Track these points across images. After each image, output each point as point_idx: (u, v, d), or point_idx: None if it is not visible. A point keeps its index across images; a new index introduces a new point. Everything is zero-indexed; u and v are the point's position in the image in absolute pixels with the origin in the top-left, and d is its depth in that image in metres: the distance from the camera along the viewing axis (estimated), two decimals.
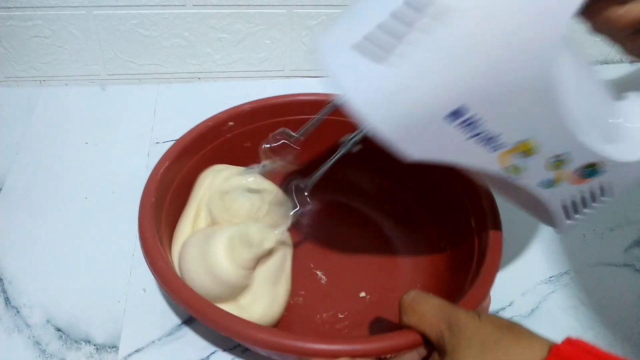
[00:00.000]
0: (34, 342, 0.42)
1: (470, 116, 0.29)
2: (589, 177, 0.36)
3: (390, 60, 0.28)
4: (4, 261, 0.48)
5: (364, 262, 0.51)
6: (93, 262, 0.48)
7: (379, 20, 0.28)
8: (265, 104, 0.52)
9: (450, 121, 0.29)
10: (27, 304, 0.45)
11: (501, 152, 0.32)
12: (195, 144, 0.49)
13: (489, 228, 0.42)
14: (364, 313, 0.46)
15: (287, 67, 0.71)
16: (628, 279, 0.51)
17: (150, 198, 0.42)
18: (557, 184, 0.35)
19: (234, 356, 0.43)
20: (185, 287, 0.37)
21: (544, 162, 0.33)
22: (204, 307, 0.36)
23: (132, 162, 0.57)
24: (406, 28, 0.28)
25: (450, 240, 0.48)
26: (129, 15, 0.62)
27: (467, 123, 0.30)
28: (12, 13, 0.60)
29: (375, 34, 0.29)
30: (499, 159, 0.32)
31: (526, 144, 0.32)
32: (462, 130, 0.30)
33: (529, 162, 0.33)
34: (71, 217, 0.52)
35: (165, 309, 0.45)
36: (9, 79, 0.66)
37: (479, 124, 0.30)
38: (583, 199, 0.38)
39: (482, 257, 0.41)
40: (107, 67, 0.66)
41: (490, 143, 0.31)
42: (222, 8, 0.63)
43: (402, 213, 0.54)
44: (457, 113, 0.29)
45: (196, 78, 0.70)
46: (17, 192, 0.54)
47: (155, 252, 0.39)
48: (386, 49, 0.28)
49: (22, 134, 0.60)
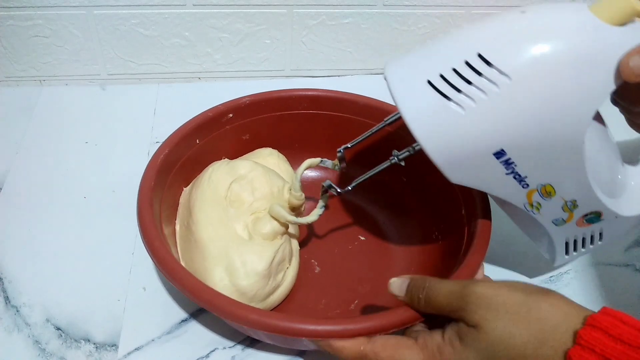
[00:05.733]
0: (34, 341, 0.42)
1: (509, 158, 0.36)
2: (591, 223, 0.42)
3: (458, 98, 0.34)
4: (4, 260, 0.48)
5: (358, 252, 0.51)
6: (93, 261, 0.48)
7: (453, 64, 0.34)
8: (265, 97, 0.53)
9: (497, 157, 0.36)
10: (26, 303, 0.45)
11: (528, 190, 0.38)
12: (195, 133, 0.49)
13: (479, 217, 0.43)
14: (357, 302, 0.47)
15: (287, 67, 0.71)
16: (628, 278, 0.51)
17: (149, 182, 0.43)
18: (566, 224, 0.41)
19: (234, 354, 0.43)
20: (185, 271, 0.38)
21: (562, 203, 0.39)
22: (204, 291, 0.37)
23: (132, 162, 0.57)
24: (476, 76, 0.34)
25: (442, 229, 0.49)
26: (129, 15, 0.62)
27: (508, 162, 0.36)
28: (12, 13, 0.60)
29: (449, 75, 0.34)
30: (527, 195, 0.38)
31: (548, 187, 0.38)
32: (505, 166, 0.36)
33: (549, 202, 0.39)
34: (71, 216, 0.52)
35: (165, 307, 0.45)
36: (9, 79, 0.66)
37: (513, 166, 0.36)
38: (583, 239, 0.44)
39: (469, 243, 0.42)
40: (107, 67, 0.66)
41: (522, 181, 0.37)
42: (222, 8, 0.64)
43: (396, 204, 0.55)
44: (499, 153, 0.35)
45: (196, 78, 0.70)
46: (17, 191, 0.54)
47: (152, 232, 0.40)
48: (456, 89, 0.34)
49: (22, 133, 0.60)
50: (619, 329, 0.27)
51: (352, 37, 0.69)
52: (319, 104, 0.55)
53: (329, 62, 0.72)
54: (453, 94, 0.34)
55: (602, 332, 0.27)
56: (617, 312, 0.28)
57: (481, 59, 0.33)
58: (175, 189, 0.49)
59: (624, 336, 0.26)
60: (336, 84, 0.72)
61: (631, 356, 0.25)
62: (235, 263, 0.42)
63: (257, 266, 0.42)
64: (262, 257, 0.42)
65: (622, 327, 0.27)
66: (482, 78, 0.34)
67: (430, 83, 0.35)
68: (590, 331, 0.27)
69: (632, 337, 0.26)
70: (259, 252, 0.43)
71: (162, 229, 0.43)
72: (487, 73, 0.33)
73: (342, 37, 0.69)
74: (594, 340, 0.26)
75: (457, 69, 0.34)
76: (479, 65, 0.34)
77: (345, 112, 0.54)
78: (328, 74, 0.73)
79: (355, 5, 0.66)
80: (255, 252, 0.43)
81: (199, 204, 0.45)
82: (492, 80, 0.33)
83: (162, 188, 0.46)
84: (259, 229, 0.44)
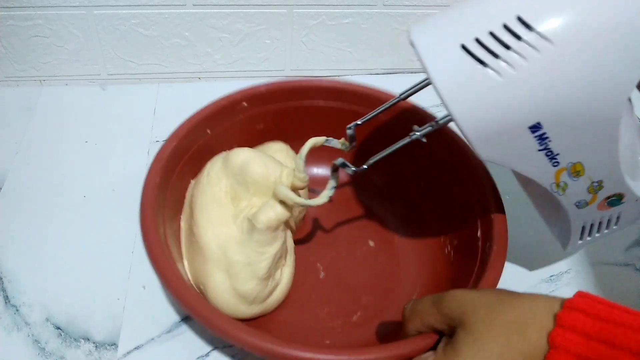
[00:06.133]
0: (34, 341, 0.42)
1: (544, 132, 0.33)
2: (612, 206, 0.41)
3: (495, 64, 0.32)
4: (4, 260, 0.48)
5: (365, 259, 0.50)
6: (92, 260, 0.48)
7: (490, 28, 0.32)
8: (282, 86, 0.51)
9: (532, 132, 0.33)
10: (26, 303, 0.45)
11: (558, 169, 0.36)
12: (206, 123, 0.47)
13: (495, 237, 0.41)
14: (359, 314, 0.46)
15: (287, 67, 0.71)
16: (628, 278, 0.51)
17: (155, 178, 0.42)
18: (588, 206, 0.40)
19: (234, 353, 0.42)
20: (181, 279, 0.37)
21: (588, 184, 0.38)
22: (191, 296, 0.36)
23: (132, 161, 0.57)
24: (515, 40, 0.31)
25: (456, 246, 0.47)
26: (129, 15, 0.62)
27: (542, 138, 0.34)
28: (12, 13, 0.60)
29: (486, 39, 0.32)
30: (555, 174, 0.37)
31: (577, 166, 0.36)
32: (538, 141, 0.34)
33: (576, 182, 0.37)
34: (71, 215, 0.52)
35: (164, 307, 0.45)
36: (9, 79, 0.66)
37: (547, 141, 0.34)
38: (600, 223, 0.42)
39: (483, 269, 0.40)
40: (107, 67, 0.66)
41: (553, 159, 0.35)
42: (222, 8, 0.64)
43: (411, 213, 0.53)
44: (535, 127, 0.33)
45: (196, 78, 0.70)
46: (17, 191, 0.54)
47: (152, 231, 0.39)
48: (494, 55, 0.32)
49: (22, 133, 0.60)
50: (596, 308, 0.28)
51: (352, 37, 0.69)
52: (339, 95, 0.52)
53: (329, 62, 0.72)
54: (490, 60, 0.32)
55: (581, 312, 0.28)
56: (591, 295, 0.29)
57: (521, 22, 0.31)
58: (184, 182, 0.47)
59: (601, 314, 0.27)
60: None
61: (610, 330, 0.27)
62: (235, 267, 0.41)
63: (257, 271, 0.41)
64: (262, 259, 0.42)
65: (598, 306, 0.28)
66: (522, 43, 0.31)
67: (465, 48, 0.32)
68: (569, 313, 0.28)
69: (608, 314, 0.27)
70: (259, 255, 0.42)
71: (166, 227, 0.42)
72: (527, 37, 0.31)
73: (342, 37, 0.69)
74: (574, 320, 0.27)
75: (495, 32, 0.32)
76: (519, 29, 0.31)
77: (367, 105, 0.50)
78: (328, 73, 0.73)
79: (355, 5, 0.66)
80: (255, 254, 0.42)
81: (199, 203, 0.44)
82: (533, 45, 0.31)
83: (169, 182, 0.44)
84: (261, 217, 0.41)
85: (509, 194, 0.47)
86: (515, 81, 0.32)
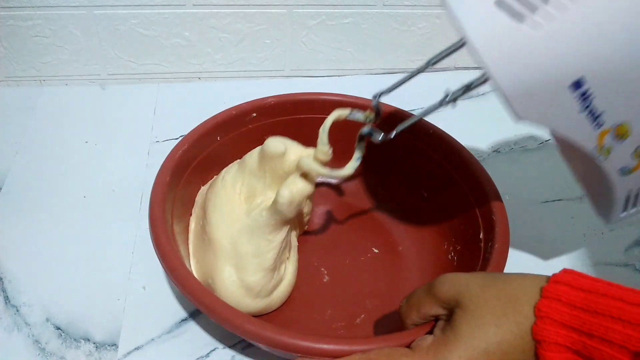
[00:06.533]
0: (34, 341, 0.42)
1: (587, 89, 0.31)
2: None
3: (532, 20, 0.30)
4: (4, 260, 0.48)
5: (369, 265, 0.50)
6: (92, 260, 0.48)
7: None
8: (290, 99, 0.52)
9: (572, 91, 0.31)
10: (26, 303, 0.45)
11: (601, 130, 0.34)
12: (217, 131, 0.49)
13: (496, 238, 0.42)
14: (363, 317, 0.46)
15: (287, 67, 0.71)
16: (628, 278, 0.51)
17: (165, 177, 0.43)
18: (632, 173, 0.38)
19: (234, 353, 0.42)
20: (190, 274, 0.38)
21: (633, 148, 0.36)
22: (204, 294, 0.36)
23: (132, 161, 0.57)
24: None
25: (459, 251, 0.47)
26: (129, 15, 0.62)
27: (584, 96, 0.32)
28: (12, 13, 0.60)
29: None
30: (598, 137, 0.34)
31: (623, 127, 0.34)
32: (579, 101, 0.32)
33: (621, 145, 0.35)
34: (71, 215, 0.52)
35: (165, 307, 0.45)
36: (9, 79, 0.66)
37: (590, 99, 0.32)
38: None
39: (485, 268, 0.40)
40: (107, 67, 0.66)
41: (596, 120, 0.33)
42: (222, 8, 0.64)
43: (414, 220, 0.53)
44: (577, 84, 0.31)
45: (196, 78, 0.70)
46: (17, 191, 0.54)
47: (160, 226, 0.40)
48: (531, 9, 0.30)
49: (22, 133, 0.60)
50: (579, 281, 0.30)
51: (352, 37, 0.69)
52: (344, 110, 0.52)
53: (329, 62, 0.72)
54: (527, 13, 0.30)
55: (565, 285, 0.30)
56: (576, 271, 0.31)
57: None
58: (193, 186, 0.48)
59: (584, 286, 0.29)
60: (336, 84, 0.72)
61: (592, 300, 0.28)
62: (243, 259, 0.42)
63: (264, 262, 0.42)
64: (270, 248, 0.42)
65: (582, 279, 0.30)
66: None
67: (500, 1, 0.31)
68: (555, 285, 0.30)
69: (591, 286, 0.29)
70: (268, 243, 0.42)
71: (173, 225, 0.43)
72: None
73: (342, 37, 0.69)
74: (559, 292, 0.29)
75: None
76: None
77: None
78: (328, 74, 0.73)
79: (355, 5, 0.66)
80: (264, 243, 0.42)
81: (212, 205, 0.45)
82: None
83: (178, 184, 0.45)
84: (284, 192, 0.40)
85: (509, 194, 0.47)
86: (555, 34, 0.30)
